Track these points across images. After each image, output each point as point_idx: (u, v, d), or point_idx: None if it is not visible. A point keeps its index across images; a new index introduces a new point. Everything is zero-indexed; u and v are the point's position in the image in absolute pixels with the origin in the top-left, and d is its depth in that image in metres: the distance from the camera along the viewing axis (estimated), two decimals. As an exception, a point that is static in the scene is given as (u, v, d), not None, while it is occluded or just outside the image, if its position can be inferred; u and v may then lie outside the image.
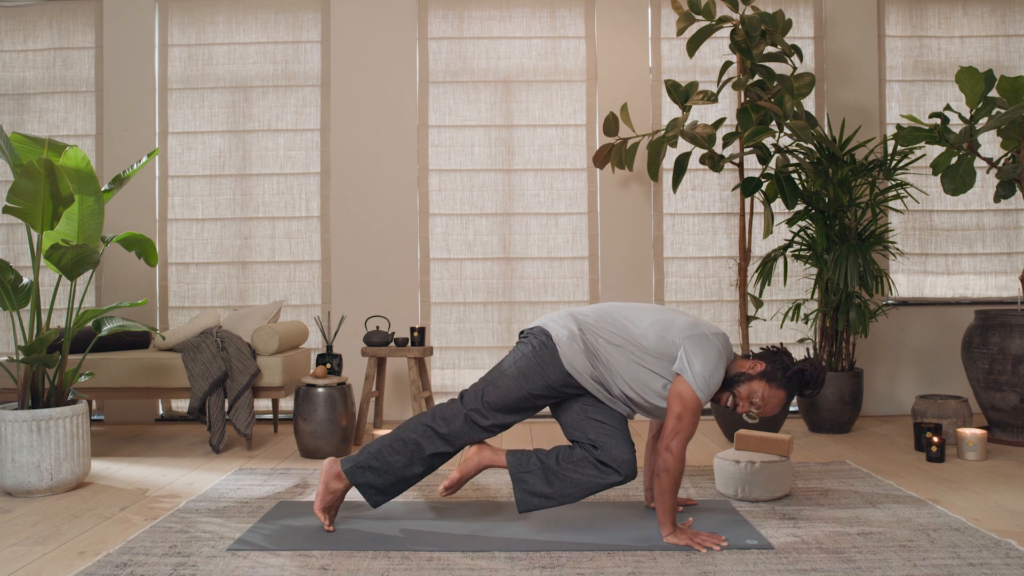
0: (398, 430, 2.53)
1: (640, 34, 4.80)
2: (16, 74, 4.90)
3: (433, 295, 4.82)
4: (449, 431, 2.48)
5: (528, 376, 2.46)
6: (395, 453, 2.49)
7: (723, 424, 4.04)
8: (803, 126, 3.84)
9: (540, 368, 2.46)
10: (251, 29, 4.88)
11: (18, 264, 4.85)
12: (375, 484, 2.51)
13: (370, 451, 2.52)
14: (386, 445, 2.50)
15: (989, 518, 2.65)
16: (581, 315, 2.53)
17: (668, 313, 2.51)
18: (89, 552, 2.39)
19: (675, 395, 2.36)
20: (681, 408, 2.34)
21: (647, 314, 2.50)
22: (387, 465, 2.49)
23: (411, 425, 2.52)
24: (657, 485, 2.39)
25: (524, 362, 2.48)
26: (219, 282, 4.86)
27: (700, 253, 4.83)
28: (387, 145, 4.79)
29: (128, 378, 3.91)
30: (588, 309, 2.58)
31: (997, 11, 4.87)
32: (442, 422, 2.48)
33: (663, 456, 2.35)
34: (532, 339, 2.51)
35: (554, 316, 2.56)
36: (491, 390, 2.48)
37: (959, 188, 3.83)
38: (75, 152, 3.08)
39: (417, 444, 2.48)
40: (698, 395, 2.34)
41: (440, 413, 2.51)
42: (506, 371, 2.50)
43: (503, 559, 2.28)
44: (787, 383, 2.47)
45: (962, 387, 4.73)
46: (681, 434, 2.34)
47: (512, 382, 2.47)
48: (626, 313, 2.52)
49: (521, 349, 2.52)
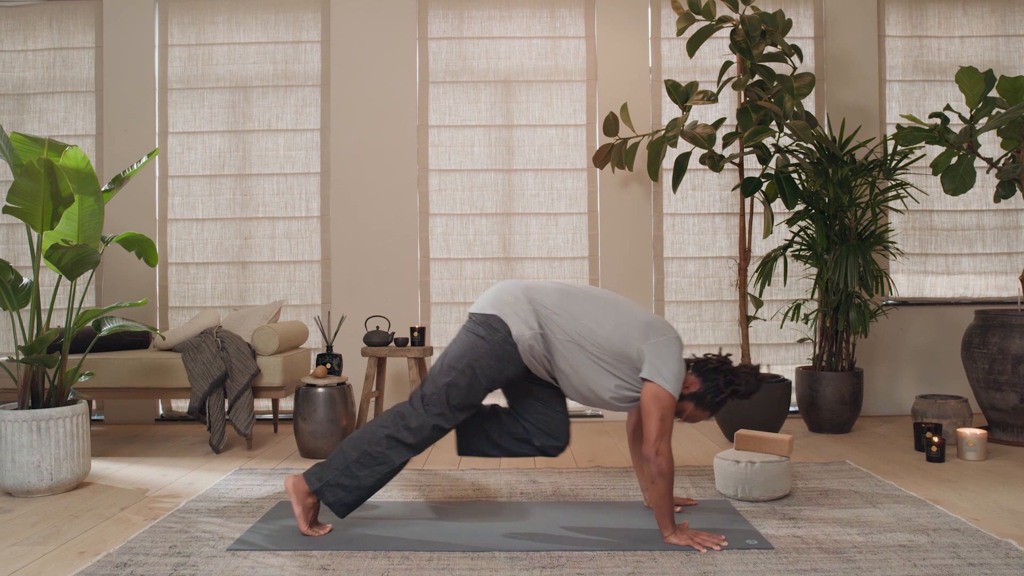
0: (361, 442, 2.46)
1: (640, 34, 4.80)
2: (16, 74, 4.90)
3: (433, 295, 4.82)
4: (417, 440, 2.45)
5: (487, 374, 2.45)
6: (364, 468, 2.45)
7: (723, 424, 4.04)
8: (803, 126, 3.84)
9: (499, 366, 2.46)
10: (251, 29, 4.88)
11: (18, 264, 4.85)
12: (345, 500, 2.48)
13: (336, 467, 2.46)
14: (353, 461, 2.45)
15: (989, 518, 2.65)
16: (541, 304, 2.48)
17: (626, 314, 2.49)
18: (89, 552, 2.39)
19: (651, 398, 2.37)
20: (661, 410, 2.37)
21: (608, 315, 2.47)
22: (357, 480, 2.46)
23: (374, 436, 2.46)
24: (654, 491, 2.39)
25: (484, 361, 2.44)
26: (219, 282, 4.86)
27: (700, 253, 4.83)
28: (387, 145, 4.79)
29: (128, 378, 3.91)
30: (548, 294, 2.50)
31: (997, 11, 4.87)
32: (407, 432, 2.44)
33: (656, 461, 2.35)
34: (490, 332, 2.45)
35: (511, 302, 2.47)
36: (454, 393, 2.44)
37: (959, 188, 3.83)
38: (75, 152, 3.08)
39: (386, 457, 2.45)
40: (673, 395, 2.39)
41: (403, 422, 2.45)
42: (464, 370, 2.44)
43: (503, 559, 2.28)
44: (713, 408, 2.54)
45: (962, 387, 4.73)
46: (666, 435, 2.37)
47: (473, 381, 2.45)
48: (587, 309, 2.48)
49: (476, 343, 2.45)
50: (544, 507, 2.80)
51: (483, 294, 2.58)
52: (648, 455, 2.37)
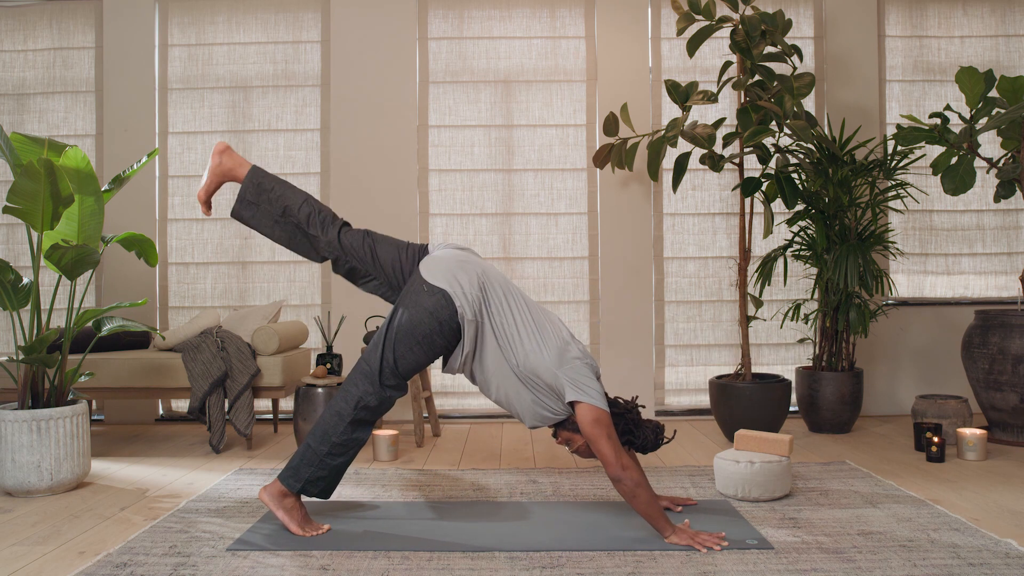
0: (327, 436, 2.52)
1: (640, 34, 4.80)
2: (16, 74, 4.90)
3: (433, 295, 4.81)
4: (375, 415, 2.54)
5: (434, 348, 2.51)
6: (337, 456, 2.53)
7: (723, 424, 4.04)
8: (803, 126, 3.84)
9: (444, 341, 2.50)
10: (251, 29, 4.88)
11: (18, 264, 4.85)
12: (327, 486, 2.57)
13: (310, 464, 2.52)
14: (325, 454, 2.51)
15: (989, 518, 2.65)
16: (489, 297, 2.50)
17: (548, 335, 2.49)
18: (89, 552, 2.39)
19: (591, 422, 2.38)
20: (605, 428, 2.39)
21: (532, 336, 2.48)
22: (334, 469, 2.55)
23: (336, 427, 2.52)
24: (638, 503, 2.38)
25: (432, 338, 2.48)
26: (219, 282, 4.86)
27: (700, 253, 4.83)
28: (387, 145, 4.79)
29: (128, 378, 3.91)
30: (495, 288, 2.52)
31: (997, 11, 4.87)
32: (367, 411, 2.52)
33: (625, 479, 2.35)
34: (438, 309, 2.47)
35: (464, 282, 2.48)
36: (403, 364, 2.52)
37: (959, 188, 3.83)
38: (75, 152, 3.08)
39: (354, 440, 2.54)
40: (605, 409, 2.41)
41: (362, 403, 2.51)
42: (413, 346, 2.49)
43: (503, 559, 2.28)
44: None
45: (962, 387, 4.73)
46: (619, 449, 2.38)
47: (421, 356, 2.51)
48: (519, 318, 2.50)
49: (425, 319, 2.47)
50: (544, 507, 2.80)
51: (439, 258, 2.57)
52: (616, 476, 2.36)
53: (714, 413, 4.12)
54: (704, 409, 4.77)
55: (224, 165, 2.64)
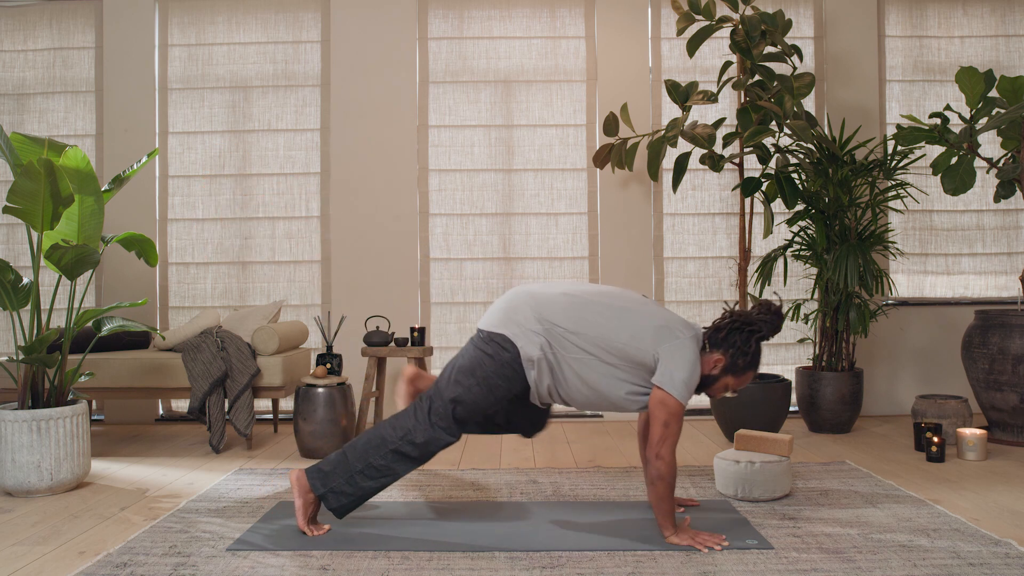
0: (366, 454, 2.46)
1: (640, 34, 4.80)
2: (16, 74, 4.90)
3: (433, 295, 4.82)
4: (421, 454, 2.47)
5: (493, 392, 2.44)
6: (368, 479, 2.46)
7: (723, 424, 4.04)
8: (803, 126, 3.83)
9: (507, 385, 2.44)
10: (251, 29, 4.88)
11: (18, 264, 4.85)
12: (347, 505, 2.50)
13: (341, 475, 2.46)
14: (358, 472, 2.45)
15: (989, 518, 2.65)
16: (552, 323, 2.42)
17: (641, 319, 2.43)
18: (89, 552, 2.39)
19: (659, 403, 2.36)
20: (667, 415, 2.35)
21: (623, 322, 2.42)
22: (361, 490, 2.48)
23: (379, 449, 2.46)
24: (653, 492, 2.39)
25: (491, 380, 2.42)
26: (219, 282, 4.86)
27: (700, 253, 4.83)
28: (387, 145, 4.79)
29: (128, 378, 3.91)
30: (558, 309, 2.44)
31: (997, 11, 4.87)
32: (412, 447, 2.44)
33: (655, 464, 2.36)
34: (498, 351, 2.42)
35: (521, 321, 2.43)
36: (460, 408, 2.44)
37: (959, 188, 3.83)
38: (75, 152, 3.08)
39: (391, 470, 2.47)
40: (681, 402, 2.36)
41: (408, 437, 2.45)
42: (471, 387, 2.43)
43: (503, 559, 2.28)
44: (750, 366, 2.50)
45: (962, 387, 4.73)
46: (669, 439, 2.35)
47: (479, 398, 2.44)
48: (600, 319, 2.42)
49: (484, 360, 2.43)
50: (544, 507, 2.80)
51: (493, 307, 2.54)
52: (649, 457, 2.38)
53: (714, 413, 4.12)
54: (704, 409, 4.77)
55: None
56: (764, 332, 2.48)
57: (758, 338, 2.47)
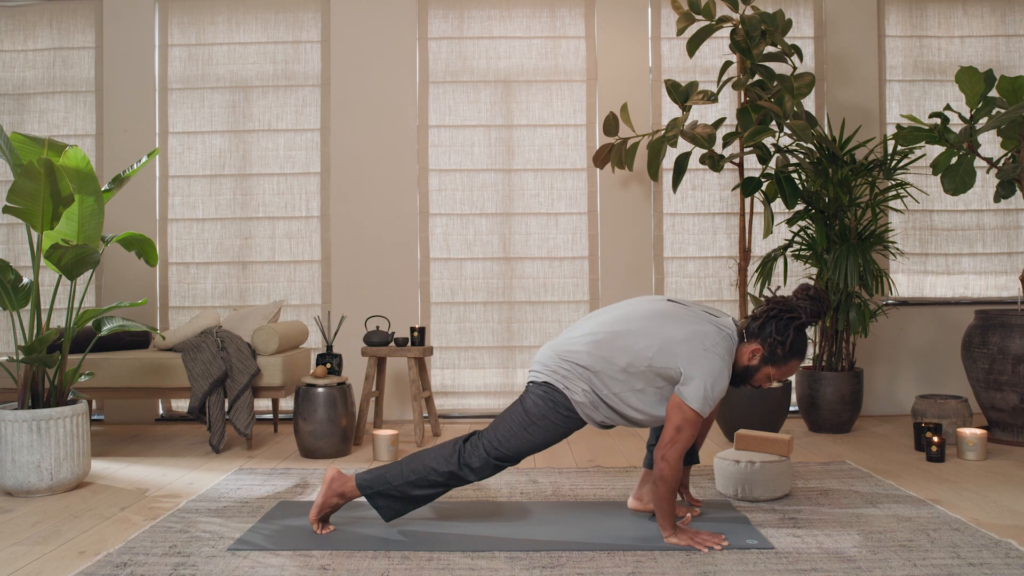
0: (424, 469, 2.45)
1: (640, 34, 4.80)
2: (16, 74, 4.90)
3: (433, 295, 4.82)
4: (478, 478, 2.47)
5: (550, 431, 2.45)
6: (419, 488, 2.47)
7: (723, 424, 4.04)
8: (803, 126, 3.84)
9: (565, 425, 2.45)
10: (251, 29, 4.88)
11: (18, 264, 4.85)
12: (395, 508, 2.50)
13: (390, 481, 2.46)
14: (410, 483, 2.45)
15: (989, 518, 2.65)
16: (584, 363, 2.40)
17: (667, 327, 2.40)
18: (89, 552, 2.39)
19: (675, 407, 2.35)
20: (681, 421, 2.33)
21: (648, 335, 2.39)
22: (411, 498, 2.49)
23: (438, 467, 2.44)
24: (654, 492, 2.40)
25: (545, 421, 2.43)
26: (219, 282, 4.86)
27: (700, 253, 4.83)
28: (387, 145, 4.79)
29: (128, 378, 3.91)
30: (582, 356, 2.42)
31: (997, 11, 4.87)
32: (469, 472, 2.45)
33: (659, 465, 2.36)
34: (548, 396, 2.43)
35: (564, 372, 2.43)
36: (515, 443, 2.44)
37: (959, 188, 3.83)
38: (75, 152, 3.08)
39: (445, 487, 2.48)
40: (696, 411, 2.33)
41: (463, 461, 2.44)
42: (528, 427, 2.43)
43: (503, 559, 2.28)
44: (792, 353, 2.42)
45: (962, 387, 4.73)
46: (678, 444, 2.34)
47: (536, 438, 2.44)
48: (627, 337, 2.40)
49: (539, 403, 2.43)
50: (544, 507, 2.80)
51: (533, 362, 2.55)
52: (655, 457, 2.37)
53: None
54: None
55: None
56: (803, 319, 2.39)
57: (797, 325, 2.39)
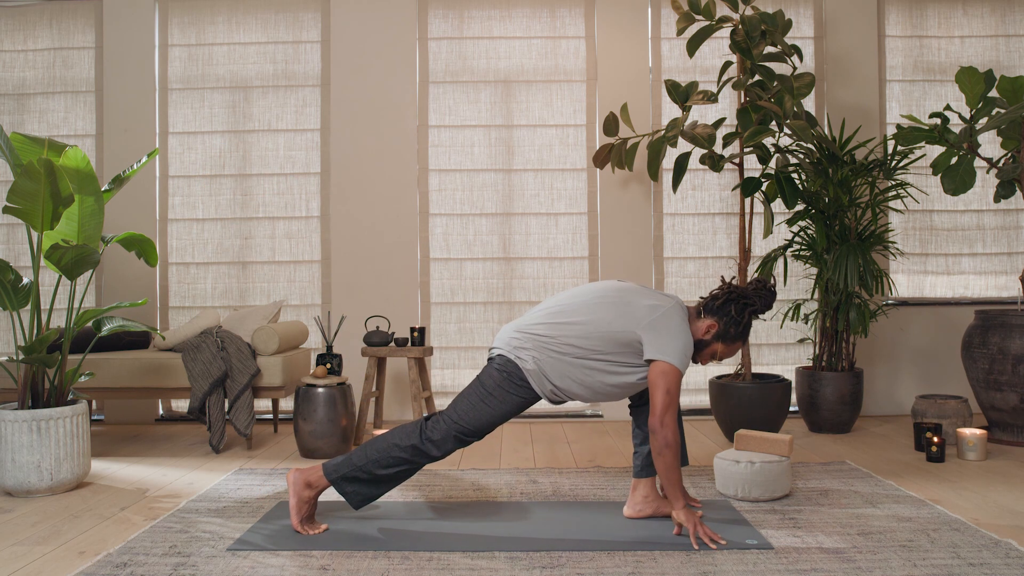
0: (388, 447, 2.52)
1: (640, 34, 4.80)
2: (16, 74, 4.90)
3: (433, 295, 4.82)
4: (440, 452, 2.53)
5: (507, 403, 2.53)
6: (384, 467, 2.52)
7: (723, 424, 4.04)
8: (803, 126, 3.84)
9: (520, 396, 2.53)
10: (251, 29, 4.88)
11: (18, 264, 4.85)
12: (362, 492, 2.55)
13: (356, 463, 2.52)
14: (374, 461, 2.51)
15: (989, 518, 2.65)
16: (538, 335, 2.53)
17: (626, 296, 2.54)
18: (89, 552, 2.39)
19: (660, 374, 2.43)
20: (668, 383, 2.42)
21: (608, 304, 2.53)
22: (378, 479, 2.54)
23: (399, 442, 2.51)
24: (661, 462, 2.42)
25: (500, 392, 2.52)
26: (219, 282, 4.86)
27: (700, 253, 4.83)
28: (387, 145, 4.79)
29: (128, 378, 3.91)
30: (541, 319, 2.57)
31: (997, 11, 4.87)
32: (431, 445, 2.51)
33: (661, 433, 2.39)
34: (503, 368, 2.53)
35: (517, 343, 2.55)
36: (473, 415, 2.52)
37: (959, 188, 3.83)
38: (75, 152, 3.08)
39: (410, 463, 2.53)
40: (680, 369, 2.44)
41: (427, 435, 2.51)
42: (485, 399, 2.52)
43: (503, 559, 2.28)
44: (741, 334, 2.61)
45: (962, 387, 4.73)
46: (672, 407, 2.41)
47: (494, 410, 2.52)
48: (585, 308, 2.54)
49: (494, 377, 2.54)
50: (544, 507, 2.80)
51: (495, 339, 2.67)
52: (654, 427, 2.40)
53: (714, 413, 4.12)
54: (704, 409, 4.78)
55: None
56: (758, 306, 2.60)
57: (751, 311, 2.60)
